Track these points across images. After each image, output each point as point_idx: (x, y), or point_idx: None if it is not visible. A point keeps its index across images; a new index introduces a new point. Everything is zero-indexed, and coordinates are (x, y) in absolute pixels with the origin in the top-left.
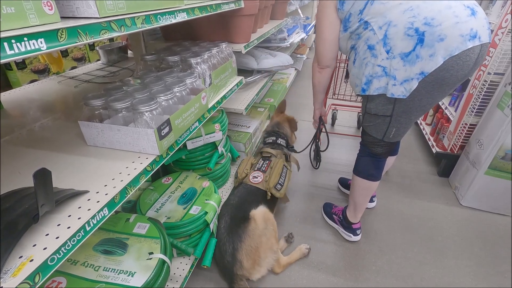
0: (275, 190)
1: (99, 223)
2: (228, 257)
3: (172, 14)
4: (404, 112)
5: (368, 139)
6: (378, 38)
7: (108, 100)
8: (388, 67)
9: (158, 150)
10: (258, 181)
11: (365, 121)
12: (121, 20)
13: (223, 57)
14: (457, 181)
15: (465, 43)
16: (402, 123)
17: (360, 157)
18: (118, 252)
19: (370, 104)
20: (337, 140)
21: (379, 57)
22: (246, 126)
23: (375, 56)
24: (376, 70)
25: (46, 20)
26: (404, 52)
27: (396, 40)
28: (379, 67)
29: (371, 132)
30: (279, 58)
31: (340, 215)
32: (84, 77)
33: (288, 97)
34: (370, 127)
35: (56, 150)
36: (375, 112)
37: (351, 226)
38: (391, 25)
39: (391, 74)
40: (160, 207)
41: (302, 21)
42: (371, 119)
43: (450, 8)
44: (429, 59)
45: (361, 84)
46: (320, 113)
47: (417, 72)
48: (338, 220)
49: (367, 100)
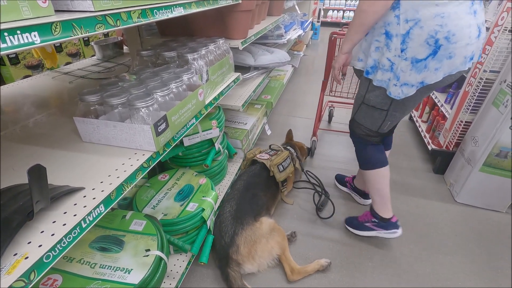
0: (277, 169)
1: (95, 220)
2: (227, 238)
3: (169, 9)
4: (400, 108)
5: (362, 131)
6: (399, 31)
7: (103, 96)
8: (396, 66)
9: (154, 146)
10: (264, 158)
11: (360, 112)
12: (117, 14)
13: (220, 53)
14: (452, 178)
15: (465, 64)
16: (397, 117)
17: (361, 150)
18: (114, 249)
19: (369, 94)
20: (333, 137)
21: (392, 51)
22: (243, 123)
23: (388, 47)
24: (384, 62)
25: (39, 13)
26: (416, 58)
27: (415, 43)
28: (388, 61)
29: (366, 124)
30: (276, 55)
31: (372, 218)
32: (79, 73)
33: (284, 94)
34: (365, 118)
35: (51, 147)
36: (373, 104)
37: (391, 221)
38: (417, 25)
39: (396, 73)
40: (156, 204)
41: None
42: (367, 111)
43: (469, 27)
44: (433, 72)
45: (366, 64)
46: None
47: (419, 80)
48: (374, 224)
49: (366, 89)
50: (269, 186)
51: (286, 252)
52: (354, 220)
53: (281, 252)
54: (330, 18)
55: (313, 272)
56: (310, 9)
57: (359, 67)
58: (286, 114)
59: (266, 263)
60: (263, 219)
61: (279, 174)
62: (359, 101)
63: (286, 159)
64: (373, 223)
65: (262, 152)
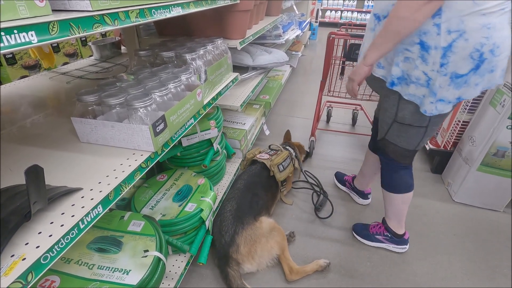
0: (277, 169)
1: (93, 220)
2: (227, 237)
3: (167, 9)
4: (439, 120)
5: (397, 151)
6: (440, 43)
7: (101, 96)
8: (433, 81)
9: (153, 146)
10: (264, 158)
11: (392, 131)
12: (115, 13)
13: (219, 53)
14: (450, 178)
15: (501, 79)
16: (435, 130)
17: (392, 173)
18: (112, 250)
19: (403, 112)
20: (331, 137)
21: (429, 65)
22: (241, 123)
23: (425, 60)
24: (418, 75)
25: (36, 13)
26: (457, 73)
27: (457, 57)
28: (424, 75)
29: (402, 144)
30: (274, 55)
31: (385, 232)
32: (76, 73)
33: (283, 94)
34: (400, 138)
35: (48, 147)
36: (410, 122)
37: (403, 238)
38: (462, 37)
39: (433, 89)
40: (155, 204)
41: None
42: (402, 129)
43: (509, 38)
44: (473, 88)
45: (389, 73)
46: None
47: (456, 96)
48: (386, 238)
49: (397, 107)
50: (269, 186)
51: (285, 252)
52: (364, 230)
53: (280, 252)
54: (328, 19)
55: (312, 272)
56: (308, 9)
57: (379, 74)
58: (285, 114)
59: (266, 262)
60: (263, 219)
61: (279, 174)
62: (388, 119)
63: (286, 159)
64: (385, 237)
65: (262, 152)
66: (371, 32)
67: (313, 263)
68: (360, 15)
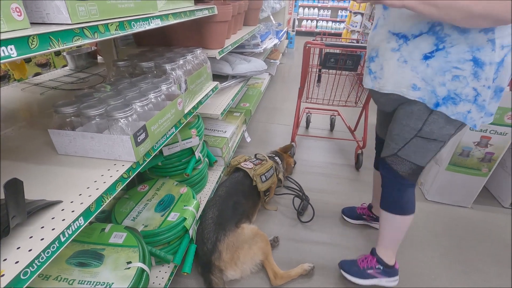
0: (259, 179)
1: (75, 233)
2: (209, 245)
3: (146, 21)
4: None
5: (408, 169)
6: (494, 59)
7: (80, 107)
8: (482, 96)
9: (134, 156)
10: (248, 167)
11: (410, 147)
12: (95, 26)
13: (198, 62)
14: (422, 178)
15: None
16: None
17: (397, 192)
18: (93, 263)
19: (430, 127)
20: (311, 142)
21: (481, 80)
22: (222, 131)
23: (477, 77)
24: (467, 92)
25: (14, 26)
26: (501, 86)
27: (505, 71)
28: (473, 91)
29: (415, 160)
30: (253, 64)
31: (377, 265)
32: (50, 84)
33: (263, 101)
34: (416, 153)
35: (24, 160)
36: (436, 137)
37: (394, 268)
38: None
39: (482, 104)
40: (136, 215)
41: (274, 27)
42: (422, 144)
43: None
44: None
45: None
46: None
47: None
48: (378, 271)
49: (423, 122)
50: (251, 194)
51: (269, 257)
52: (354, 266)
53: (264, 257)
54: (305, 28)
55: (296, 276)
56: (284, 19)
57: (415, 97)
58: (265, 121)
59: (249, 269)
60: (244, 225)
61: (261, 184)
62: (407, 134)
63: (269, 169)
64: (377, 270)
65: (247, 161)
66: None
67: (297, 267)
68: (334, 24)
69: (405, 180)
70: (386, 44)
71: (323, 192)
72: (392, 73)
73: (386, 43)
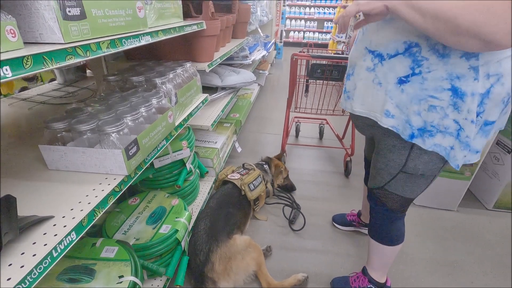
0: (248, 188)
1: (67, 248)
2: (202, 256)
3: (137, 38)
4: None
5: (397, 202)
6: (477, 89)
7: (71, 123)
8: (465, 131)
9: (126, 170)
10: (235, 178)
11: (397, 182)
12: (87, 45)
13: (188, 76)
14: None
15: None
16: None
17: (386, 225)
18: (85, 279)
19: (414, 162)
20: (301, 151)
21: (463, 113)
22: (213, 142)
23: (457, 108)
24: (447, 124)
25: (9, 47)
26: (487, 120)
27: (492, 104)
28: (454, 123)
29: (404, 193)
30: (242, 75)
31: (368, 285)
32: (38, 98)
33: (252, 111)
34: (404, 187)
35: (14, 176)
36: (423, 173)
37: (386, 286)
38: (499, 82)
39: (465, 140)
40: (128, 229)
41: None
42: (409, 180)
43: None
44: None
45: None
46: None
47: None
48: None
49: (406, 157)
50: (241, 205)
51: (262, 268)
52: (346, 285)
53: (257, 268)
54: (292, 39)
55: (290, 287)
56: (272, 30)
57: (388, 125)
58: (255, 131)
59: (242, 279)
60: (236, 236)
61: (250, 193)
62: (391, 169)
63: (256, 178)
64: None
65: (234, 172)
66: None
67: (291, 277)
68: (321, 35)
69: (395, 213)
70: (362, 62)
71: (313, 200)
72: (365, 94)
73: (362, 61)
